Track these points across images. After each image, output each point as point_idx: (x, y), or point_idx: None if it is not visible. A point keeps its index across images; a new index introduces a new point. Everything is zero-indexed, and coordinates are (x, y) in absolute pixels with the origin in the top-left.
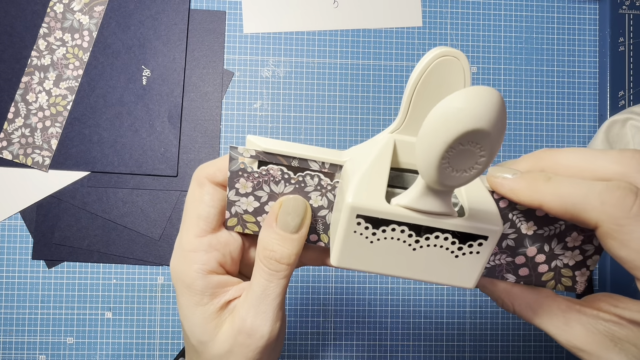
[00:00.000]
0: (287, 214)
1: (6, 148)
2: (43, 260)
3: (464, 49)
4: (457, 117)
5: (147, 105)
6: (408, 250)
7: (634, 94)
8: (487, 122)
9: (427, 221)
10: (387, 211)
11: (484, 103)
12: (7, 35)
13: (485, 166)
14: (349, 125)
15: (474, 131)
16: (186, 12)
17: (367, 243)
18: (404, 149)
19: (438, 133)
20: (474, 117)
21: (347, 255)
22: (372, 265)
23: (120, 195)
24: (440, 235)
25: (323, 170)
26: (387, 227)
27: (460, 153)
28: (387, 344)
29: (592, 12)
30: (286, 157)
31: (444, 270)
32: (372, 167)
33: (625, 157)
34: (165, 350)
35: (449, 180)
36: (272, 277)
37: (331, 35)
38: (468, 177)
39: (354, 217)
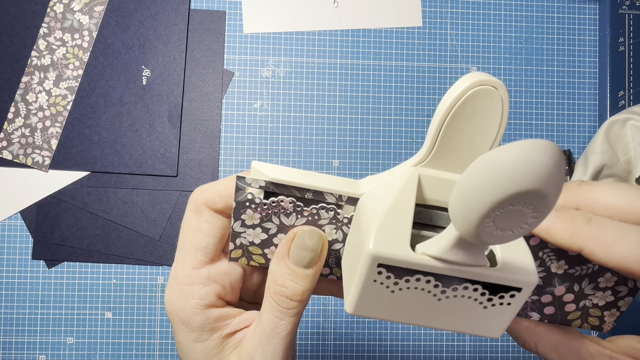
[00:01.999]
0: (301, 248)
1: (6, 148)
2: (43, 260)
3: (463, 49)
4: (511, 175)
5: (147, 105)
6: (433, 300)
7: (634, 94)
8: (545, 182)
9: (457, 272)
10: (413, 261)
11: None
12: (7, 35)
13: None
14: (349, 125)
15: (529, 192)
16: (186, 12)
17: (387, 293)
18: (430, 184)
19: (485, 190)
20: (531, 176)
21: (364, 305)
22: (392, 315)
23: (120, 195)
24: (470, 286)
25: (339, 203)
26: (411, 277)
27: (508, 213)
28: (387, 344)
29: (592, 12)
30: (300, 190)
31: (470, 321)
32: (394, 207)
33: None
34: (166, 350)
35: (490, 239)
36: (283, 315)
37: (331, 35)
38: (513, 236)
39: (375, 267)
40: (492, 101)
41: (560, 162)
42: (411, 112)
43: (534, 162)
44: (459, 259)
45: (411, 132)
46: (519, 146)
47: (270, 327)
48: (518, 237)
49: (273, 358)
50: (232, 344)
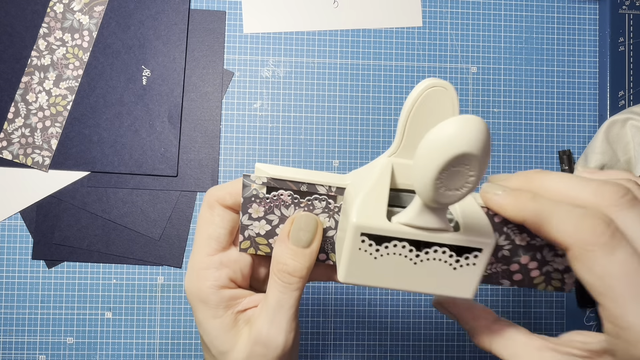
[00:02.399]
0: (299, 230)
1: (6, 148)
2: (43, 260)
3: (463, 49)
4: (449, 142)
5: (147, 105)
6: (409, 264)
7: (634, 94)
8: (475, 146)
9: (426, 236)
10: (389, 228)
11: (472, 130)
12: (7, 35)
13: (475, 185)
14: (349, 125)
15: (463, 154)
16: (186, 12)
17: (371, 259)
18: (401, 171)
19: (432, 157)
20: (464, 142)
21: (353, 272)
22: (377, 280)
23: (120, 195)
24: (439, 249)
25: (330, 193)
26: (389, 244)
27: (452, 174)
28: (387, 344)
29: (592, 12)
30: (295, 183)
31: (444, 282)
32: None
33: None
34: (166, 350)
35: (444, 199)
36: (286, 289)
37: (331, 35)
38: (460, 195)
39: (359, 235)
40: (444, 99)
41: (486, 132)
42: None
43: (465, 132)
44: (425, 224)
45: None
46: (453, 121)
47: (275, 301)
48: (465, 195)
49: (278, 329)
50: (243, 320)
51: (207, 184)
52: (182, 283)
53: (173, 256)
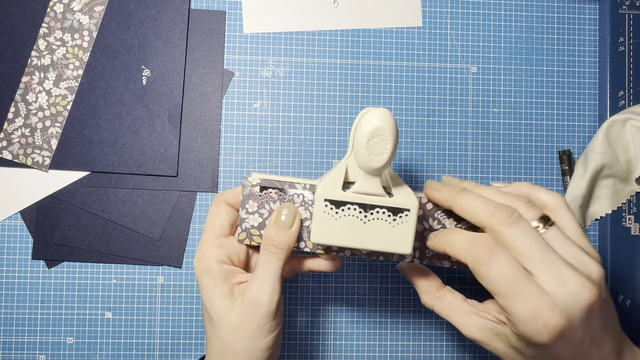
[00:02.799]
0: (282, 214)
1: (6, 148)
2: (43, 260)
3: (463, 49)
4: (369, 121)
5: (147, 105)
6: (360, 224)
7: (634, 94)
8: (383, 122)
9: (368, 199)
10: (343, 195)
11: (381, 113)
12: (7, 35)
13: (390, 152)
14: (349, 125)
15: (377, 127)
16: (186, 12)
17: (332, 220)
18: (351, 169)
19: (361, 133)
20: (376, 120)
21: (320, 232)
22: (338, 239)
23: (120, 195)
24: (379, 210)
25: (305, 189)
26: (344, 207)
27: (374, 143)
28: (387, 344)
29: (592, 12)
30: (280, 182)
31: (387, 239)
32: (333, 175)
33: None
34: (166, 350)
35: (373, 163)
36: (272, 258)
37: (331, 35)
38: (383, 159)
39: (322, 201)
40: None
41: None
42: (411, 112)
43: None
44: (367, 189)
45: (411, 132)
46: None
47: (262, 268)
48: (387, 160)
49: (265, 290)
50: (238, 290)
51: (207, 184)
52: (182, 283)
53: (173, 256)
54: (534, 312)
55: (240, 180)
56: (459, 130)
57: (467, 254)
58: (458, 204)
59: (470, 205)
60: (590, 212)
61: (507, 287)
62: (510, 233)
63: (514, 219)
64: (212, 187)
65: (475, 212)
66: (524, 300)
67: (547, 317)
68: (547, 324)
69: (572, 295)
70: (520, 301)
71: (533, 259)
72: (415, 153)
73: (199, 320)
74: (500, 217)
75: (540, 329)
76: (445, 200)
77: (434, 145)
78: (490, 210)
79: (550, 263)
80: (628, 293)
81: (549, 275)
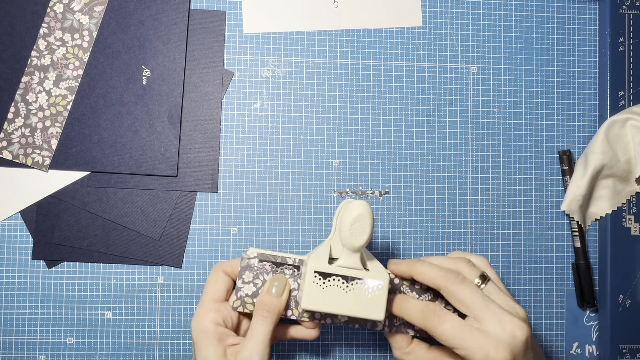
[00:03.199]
0: (274, 284)
1: (6, 148)
2: (43, 260)
3: (463, 49)
4: (352, 210)
5: (147, 105)
6: (343, 292)
7: (634, 94)
8: (364, 211)
9: (350, 272)
10: (329, 267)
11: (361, 206)
12: (7, 35)
13: (369, 233)
14: (349, 125)
15: (359, 215)
16: (186, 12)
17: (320, 289)
18: (335, 246)
19: (347, 218)
20: (358, 209)
21: (310, 299)
22: (325, 306)
23: (120, 195)
24: (358, 281)
25: (294, 263)
26: (330, 278)
27: (356, 227)
28: (387, 344)
29: (592, 12)
30: (273, 256)
31: (364, 306)
32: (319, 252)
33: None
34: (165, 350)
35: (355, 242)
36: (263, 321)
37: (331, 35)
38: (363, 239)
39: (313, 273)
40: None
41: (367, 205)
42: (411, 112)
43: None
44: (349, 264)
45: (411, 132)
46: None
47: (256, 331)
48: (365, 240)
49: (255, 350)
50: (231, 352)
51: (207, 184)
52: (182, 283)
53: (173, 256)
54: (484, 352)
55: (238, 177)
56: (459, 130)
57: (420, 320)
58: (417, 272)
59: (426, 272)
60: (590, 212)
61: (457, 339)
62: (459, 290)
63: (461, 279)
64: (212, 187)
65: (431, 276)
66: (474, 346)
67: (493, 354)
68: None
69: (512, 334)
70: (472, 347)
71: (478, 308)
72: (415, 153)
73: None
74: (450, 278)
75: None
76: (406, 270)
77: (434, 145)
78: (443, 274)
79: (491, 311)
80: (628, 293)
81: (491, 320)
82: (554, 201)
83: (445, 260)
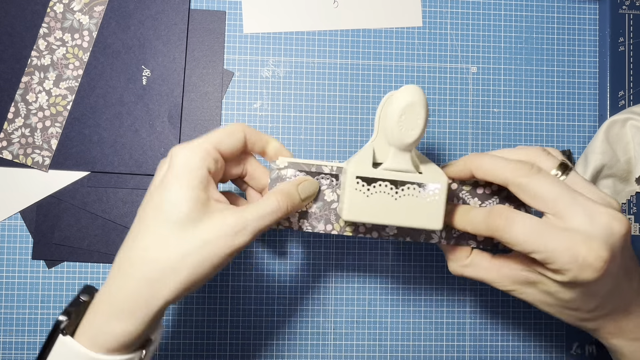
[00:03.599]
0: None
1: (6, 148)
2: (43, 260)
3: (463, 49)
4: (401, 97)
5: (147, 105)
6: (392, 200)
7: (634, 94)
8: (416, 97)
9: (399, 175)
10: (374, 172)
11: (413, 90)
12: (7, 35)
13: (422, 126)
14: (349, 125)
15: (410, 102)
16: (186, 12)
17: (364, 197)
18: (378, 150)
19: (394, 109)
20: (409, 96)
21: (352, 209)
22: (370, 215)
23: (120, 195)
24: (410, 186)
25: (332, 172)
26: (375, 184)
27: (406, 118)
28: (387, 344)
29: (592, 12)
30: (307, 165)
31: (418, 214)
32: (361, 155)
33: (518, 167)
34: (165, 350)
35: (406, 137)
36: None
37: (331, 35)
38: (415, 134)
39: (354, 179)
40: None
41: (420, 90)
42: None
43: (409, 91)
44: (398, 166)
45: None
46: (403, 88)
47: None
48: (418, 135)
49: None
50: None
51: None
52: None
53: None
54: (572, 253)
55: None
56: (459, 130)
57: (485, 226)
58: (478, 166)
59: (489, 166)
60: None
61: (534, 241)
62: (534, 183)
63: (535, 170)
64: None
65: (496, 170)
66: (557, 246)
67: (585, 253)
68: (588, 260)
69: (606, 228)
70: (554, 248)
71: (560, 203)
72: None
73: (198, 320)
74: (521, 170)
75: (583, 267)
76: (463, 167)
77: (434, 145)
78: (511, 166)
79: (578, 204)
80: None
81: (579, 214)
82: None
83: (513, 151)
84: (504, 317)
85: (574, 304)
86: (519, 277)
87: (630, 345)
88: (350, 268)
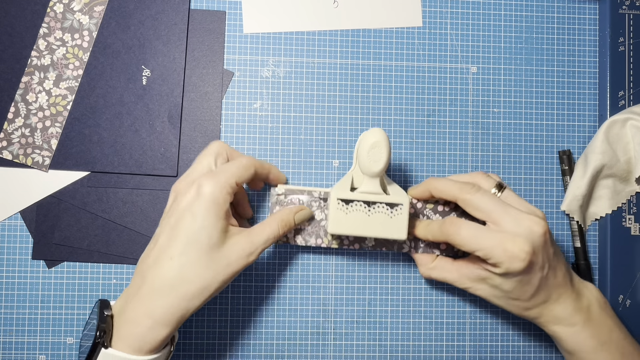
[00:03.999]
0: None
1: (6, 148)
2: (43, 260)
3: (463, 49)
4: (369, 137)
5: (147, 105)
6: (366, 216)
7: (634, 94)
8: (379, 137)
9: (370, 197)
10: (351, 194)
11: (378, 131)
12: (7, 35)
13: (385, 159)
14: (349, 125)
15: (375, 141)
16: (186, 12)
17: (344, 214)
18: (355, 177)
19: (364, 145)
20: (374, 136)
21: (335, 224)
22: (349, 229)
23: (120, 195)
24: (379, 205)
25: (321, 196)
26: (352, 204)
27: (373, 152)
28: (387, 344)
29: (592, 12)
30: (300, 191)
31: (387, 228)
32: (342, 182)
33: (463, 188)
34: None
35: (373, 167)
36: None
37: (331, 35)
38: (380, 165)
39: (336, 200)
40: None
41: (383, 132)
42: (411, 112)
43: (375, 133)
44: (369, 189)
45: (411, 132)
46: (370, 130)
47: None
48: (382, 166)
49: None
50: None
51: None
52: None
53: None
54: (502, 248)
55: None
56: (459, 130)
57: (439, 233)
58: (434, 187)
59: (443, 187)
60: (590, 212)
61: (475, 242)
62: (476, 199)
63: (476, 189)
64: None
65: (448, 190)
66: (492, 244)
67: (511, 247)
68: (514, 253)
69: (528, 229)
70: (490, 246)
71: (495, 213)
72: (415, 153)
73: (198, 320)
74: (466, 189)
75: (512, 258)
76: (424, 189)
77: (434, 145)
78: (459, 186)
79: (508, 213)
80: (628, 293)
81: (509, 220)
82: (554, 201)
83: (462, 175)
84: (504, 317)
85: (514, 293)
86: (474, 274)
87: (567, 331)
88: (350, 268)
